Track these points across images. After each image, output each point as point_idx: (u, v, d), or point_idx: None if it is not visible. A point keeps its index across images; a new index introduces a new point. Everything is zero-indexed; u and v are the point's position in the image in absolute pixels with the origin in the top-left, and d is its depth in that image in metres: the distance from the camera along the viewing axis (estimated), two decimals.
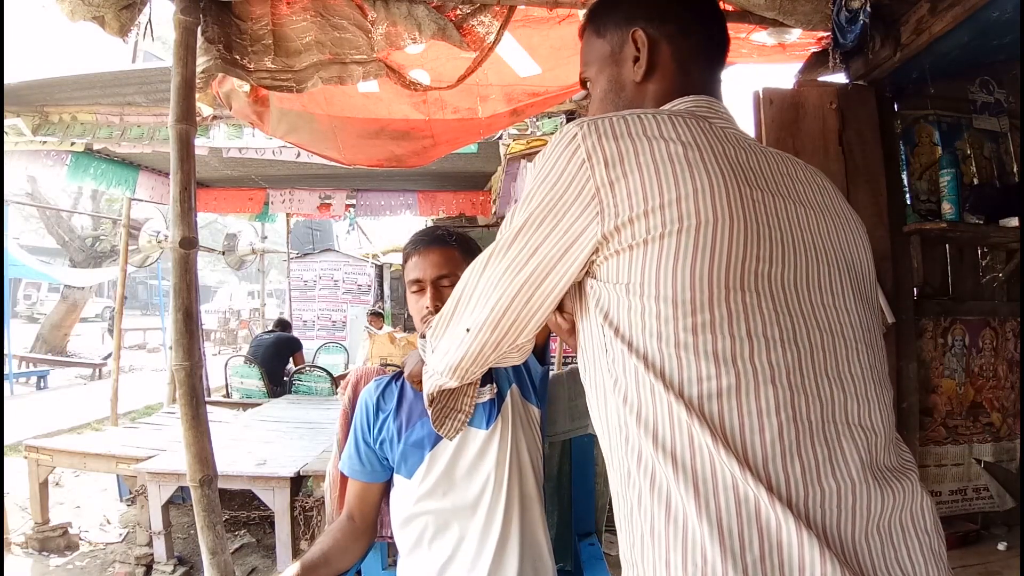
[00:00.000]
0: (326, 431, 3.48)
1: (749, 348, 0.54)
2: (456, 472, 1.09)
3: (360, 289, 9.90)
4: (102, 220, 10.97)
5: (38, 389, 8.43)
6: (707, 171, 0.56)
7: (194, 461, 1.51)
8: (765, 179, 0.62)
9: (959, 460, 1.86)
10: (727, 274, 0.55)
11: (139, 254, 6.15)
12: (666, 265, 0.55)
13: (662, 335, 0.55)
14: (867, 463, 0.55)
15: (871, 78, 1.81)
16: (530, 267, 0.62)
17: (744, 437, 0.52)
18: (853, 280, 0.64)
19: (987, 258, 1.99)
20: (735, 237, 0.55)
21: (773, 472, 0.51)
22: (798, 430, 0.53)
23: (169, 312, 1.56)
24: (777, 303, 0.56)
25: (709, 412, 0.53)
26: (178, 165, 1.55)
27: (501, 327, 0.66)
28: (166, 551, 2.86)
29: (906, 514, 0.57)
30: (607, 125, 0.59)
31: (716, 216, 0.55)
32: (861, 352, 0.60)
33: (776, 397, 0.53)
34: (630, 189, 0.56)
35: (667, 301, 0.55)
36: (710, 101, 0.70)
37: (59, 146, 3.97)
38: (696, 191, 0.55)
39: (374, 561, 1.32)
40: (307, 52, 1.71)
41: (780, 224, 0.59)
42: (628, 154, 0.57)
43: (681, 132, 0.59)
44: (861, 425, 0.57)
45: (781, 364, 0.54)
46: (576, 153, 0.58)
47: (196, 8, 1.59)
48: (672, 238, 0.55)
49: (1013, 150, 1.93)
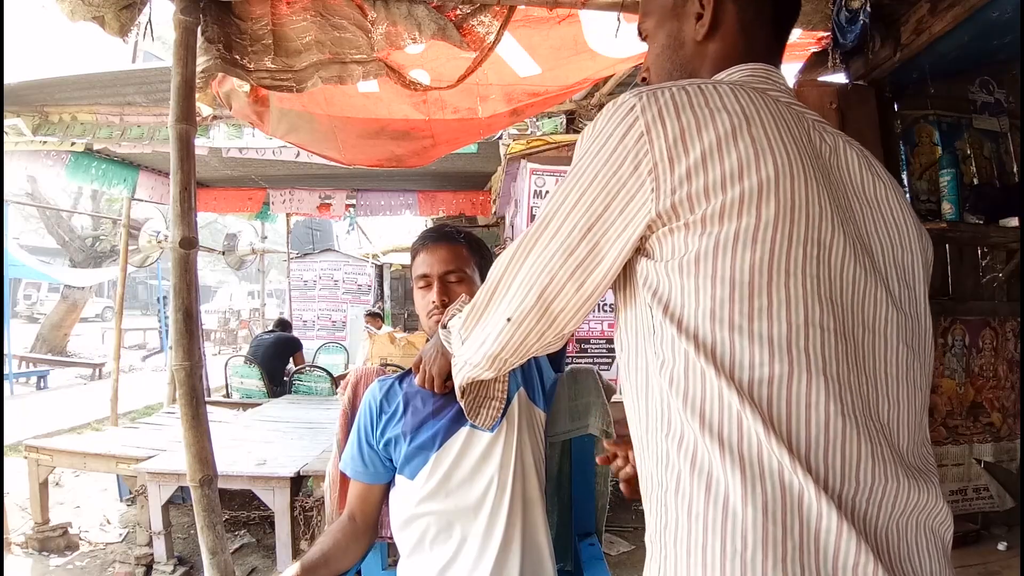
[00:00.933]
0: (326, 431, 3.48)
1: (804, 336, 0.53)
2: (459, 474, 1.09)
3: (360, 289, 9.89)
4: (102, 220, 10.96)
5: (38, 389, 8.43)
6: (770, 148, 0.54)
7: (194, 461, 1.51)
8: (824, 160, 0.60)
9: (959, 460, 1.86)
10: (788, 259, 0.53)
11: (139, 254, 6.15)
12: (725, 246, 0.53)
13: (716, 316, 0.54)
14: (898, 461, 0.55)
15: (871, 78, 1.81)
16: (584, 248, 0.59)
17: (791, 426, 0.52)
18: (901, 278, 0.62)
19: (987, 258, 1.99)
20: (796, 220, 0.54)
21: (814, 462, 0.51)
22: (845, 423, 0.52)
23: (169, 312, 1.56)
24: (833, 293, 0.55)
25: (759, 398, 0.52)
26: (178, 165, 1.55)
27: (550, 314, 0.63)
28: (166, 551, 2.86)
29: (922, 515, 0.58)
30: (668, 97, 0.56)
31: (778, 197, 0.53)
32: (901, 353, 0.59)
33: (826, 388, 0.52)
34: (690, 166, 0.54)
35: (724, 282, 0.53)
36: (768, 70, 0.66)
37: (59, 146, 3.98)
38: (759, 170, 0.53)
39: (374, 561, 1.32)
40: (307, 52, 1.71)
41: (837, 211, 0.57)
42: (690, 129, 0.54)
43: (745, 106, 0.56)
44: (888, 425, 0.57)
45: (832, 356, 0.53)
46: (634, 126, 0.56)
47: (196, 8, 1.59)
48: (733, 220, 0.53)
49: (1013, 150, 1.93)
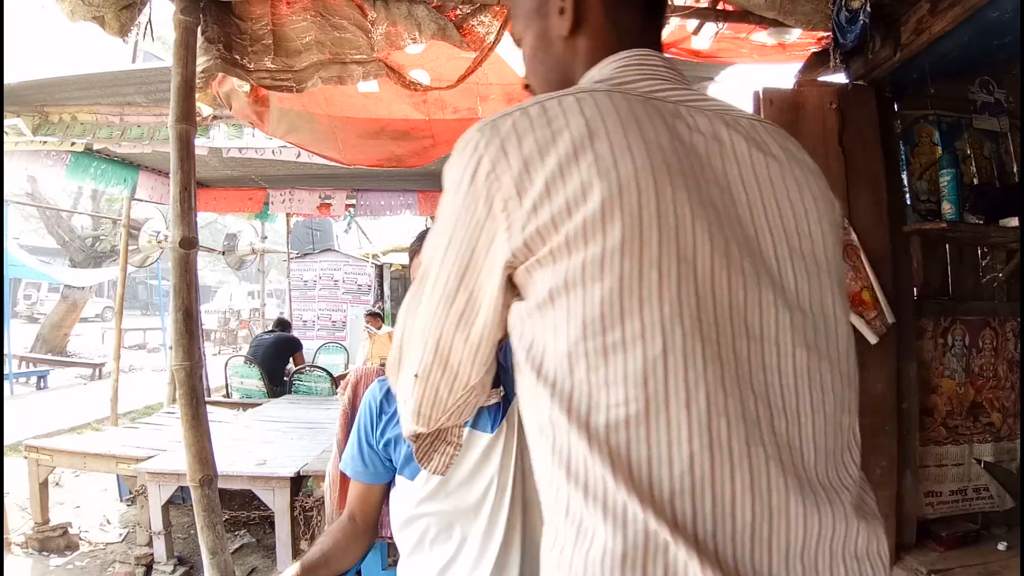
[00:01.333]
0: (326, 431, 3.48)
1: (664, 367, 0.48)
2: (459, 475, 1.08)
3: (360, 289, 9.90)
4: (102, 220, 10.96)
5: (38, 389, 8.43)
6: (614, 165, 0.50)
7: (194, 461, 1.52)
8: (697, 153, 0.55)
9: (959, 460, 1.86)
10: (640, 284, 0.49)
11: (139, 254, 6.15)
12: (575, 280, 0.49)
13: (572, 358, 0.50)
14: (794, 488, 0.49)
15: (871, 78, 1.81)
16: (462, 297, 0.57)
17: (651, 470, 0.47)
18: (800, 269, 0.56)
19: (987, 258, 1.99)
20: (648, 239, 0.49)
21: (680, 508, 0.47)
22: (713, 459, 0.47)
23: (169, 312, 1.56)
24: (703, 310, 0.50)
25: (616, 444, 0.48)
26: (178, 165, 1.55)
27: (451, 368, 0.61)
28: (166, 551, 2.86)
29: (837, 543, 0.51)
30: (509, 126, 0.53)
31: (624, 218, 0.49)
32: (799, 357, 0.53)
33: (690, 423, 0.47)
34: (536, 198, 0.50)
35: (576, 320, 0.49)
36: (641, 56, 0.62)
37: (59, 146, 3.98)
38: (603, 190, 0.49)
39: (374, 561, 1.32)
40: (307, 52, 1.71)
41: (706, 212, 0.51)
42: (533, 158, 0.51)
43: (590, 118, 0.52)
44: (790, 445, 0.51)
45: (699, 383, 0.48)
46: (481, 163, 0.53)
47: (196, 8, 1.59)
48: (580, 249, 0.49)
49: (1013, 150, 1.93)
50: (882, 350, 1.74)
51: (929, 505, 1.81)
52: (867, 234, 1.75)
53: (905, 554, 1.72)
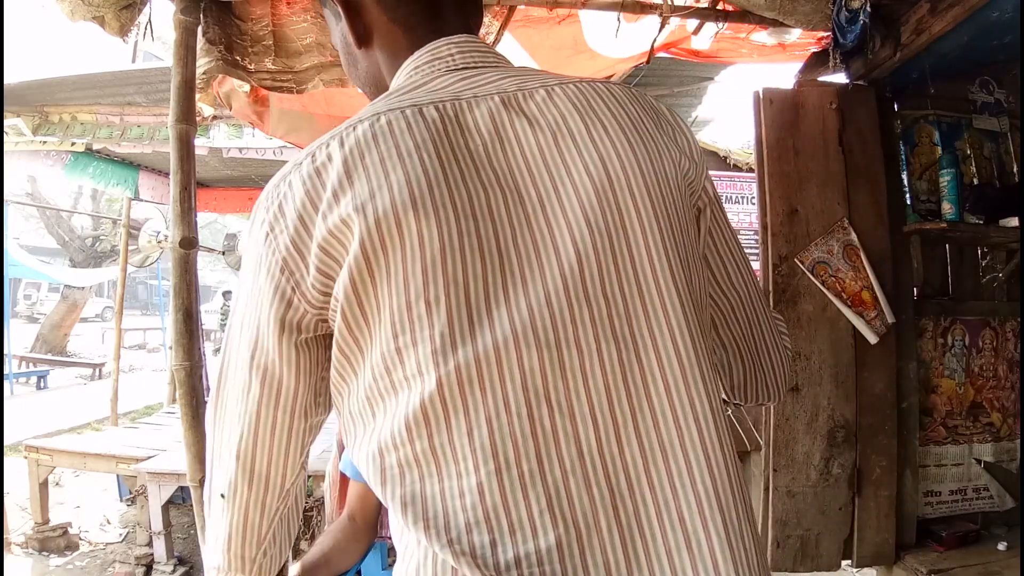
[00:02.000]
0: (326, 431, 3.47)
1: (440, 401, 0.46)
2: None
3: None
4: (102, 220, 10.96)
5: (38, 389, 8.43)
6: (379, 198, 0.47)
7: (194, 461, 1.51)
8: (469, 166, 0.50)
9: (959, 460, 1.86)
10: (410, 320, 0.46)
11: (139, 254, 6.14)
12: (360, 330, 0.48)
13: (365, 408, 0.50)
14: (608, 501, 0.46)
15: (871, 78, 1.81)
16: (254, 381, 0.52)
17: (446, 505, 0.46)
18: (604, 250, 0.49)
19: (987, 258, 1.99)
20: (410, 273, 0.46)
21: (478, 538, 0.44)
22: (501, 483, 0.45)
23: (169, 312, 1.56)
24: (477, 333, 0.46)
25: (409, 483, 0.47)
26: (178, 165, 1.55)
27: (257, 474, 0.54)
28: (166, 551, 2.86)
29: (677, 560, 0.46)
30: (281, 187, 0.51)
31: (388, 256, 0.46)
32: (606, 353, 0.47)
33: (474, 451, 0.45)
34: (315, 252, 0.48)
35: (365, 371, 0.49)
36: (434, 51, 0.57)
37: (59, 146, 3.98)
38: (363, 234, 0.46)
39: (374, 561, 1.32)
40: (308, 53, 1.71)
41: (475, 229, 0.48)
42: (306, 217, 0.48)
43: (352, 157, 0.49)
44: (601, 453, 0.46)
45: (480, 409, 0.45)
46: (261, 228, 0.51)
47: (196, 8, 1.59)
48: (354, 298, 0.47)
49: (1013, 150, 1.93)
50: (882, 350, 1.74)
51: (929, 505, 1.82)
52: (867, 234, 1.75)
53: (905, 554, 1.72)
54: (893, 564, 1.73)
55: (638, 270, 0.49)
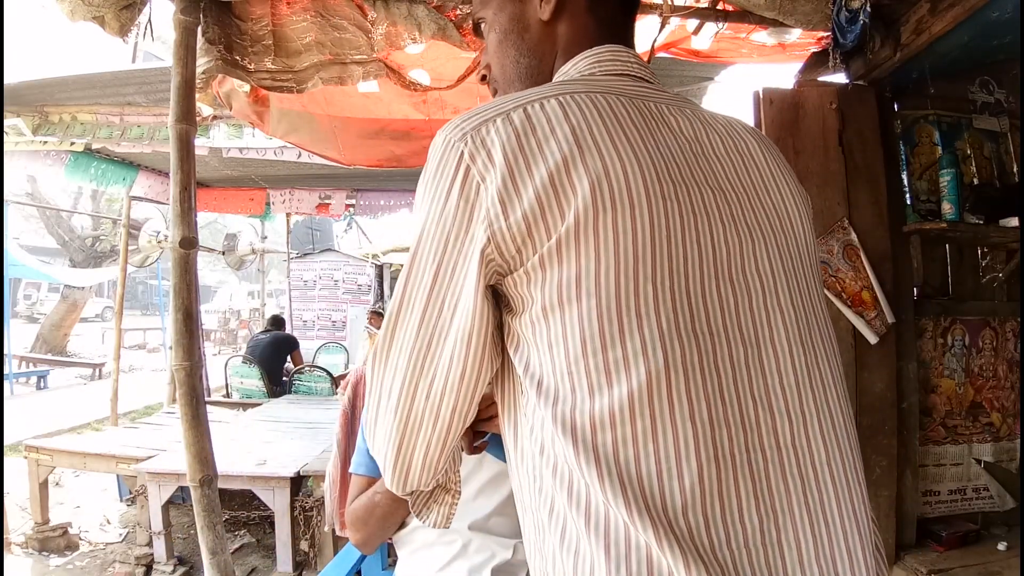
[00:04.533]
0: (326, 431, 3.48)
1: (666, 382, 0.47)
2: (466, 492, 1.05)
3: (360, 289, 9.90)
4: (102, 220, 10.96)
5: (38, 389, 8.43)
6: (606, 174, 0.48)
7: (194, 461, 1.52)
8: (680, 162, 0.53)
9: (959, 460, 1.86)
10: (637, 298, 0.48)
11: (139, 254, 6.14)
12: (569, 295, 0.48)
13: (573, 376, 0.48)
14: (800, 488, 0.50)
15: (871, 78, 1.81)
16: (443, 316, 0.52)
17: (663, 484, 0.47)
18: (789, 269, 0.56)
19: (987, 258, 1.99)
20: (642, 254, 0.48)
21: (692, 520, 0.46)
22: (719, 468, 0.47)
23: (169, 312, 1.56)
24: (696, 322, 0.49)
25: (625, 461, 0.47)
26: (178, 165, 1.55)
27: (431, 410, 0.55)
28: (166, 551, 2.86)
29: (852, 541, 0.52)
30: (492, 132, 0.50)
31: (617, 232, 0.48)
32: (796, 356, 0.53)
33: (696, 435, 0.47)
34: (526, 209, 0.48)
35: (574, 336, 0.48)
36: (615, 53, 0.61)
37: (59, 146, 3.98)
38: (595, 203, 0.47)
39: (374, 561, 1.32)
40: (307, 52, 1.71)
41: (694, 223, 0.51)
42: (519, 168, 0.48)
43: (576, 126, 0.50)
44: (794, 446, 0.51)
45: (701, 395, 0.48)
46: (465, 173, 0.49)
47: (196, 8, 1.59)
48: (572, 263, 0.48)
49: (1013, 150, 1.93)
50: (882, 350, 1.74)
51: (928, 505, 1.82)
52: (867, 234, 1.75)
53: (905, 554, 1.72)
54: (893, 564, 1.73)
55: (813, 291, 0.58)
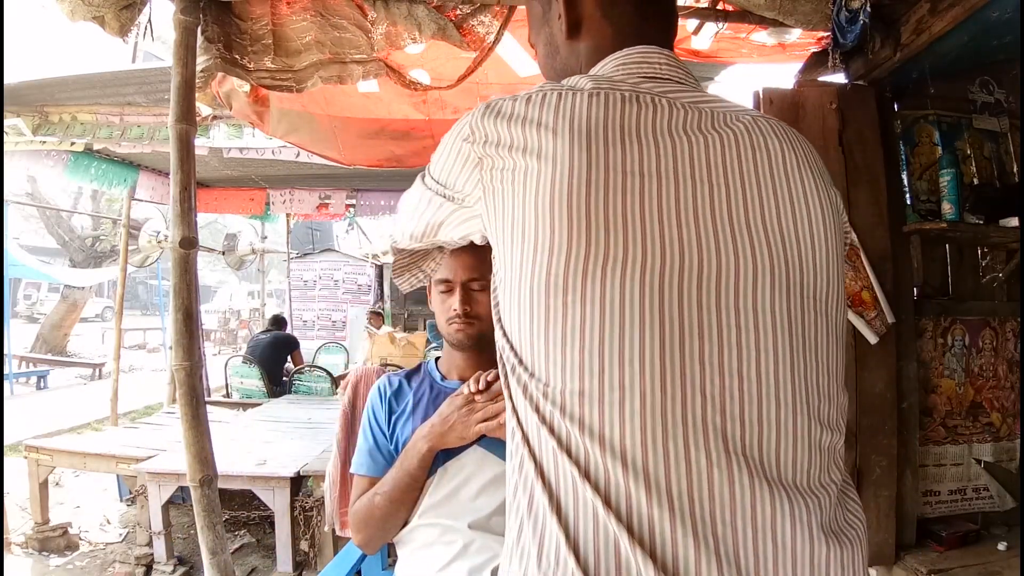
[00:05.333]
0: (326, 431, 3.48)
1: (619, 346, 0.49)
2: (467, 491, 1.06)
3: (360, 289, 9.90)
4: (102, 220, 10.96)
5: (38, 389, 8.42)
6: (574, 165, 0.52)
7: (194, 461, 1.51)
8: (679, 157, 0.54)
9: (959, 460, 1.86)
10: (600, 251, 0.51)
11: (139, 254, 6.14)
12: (541, 206, 0.53)
13: (533, 307, 0.54)
14: (742, 474, 0.50)
15: (871, 78, 1.81)
16: (439, 212, 0.67)
17: (605, 430, 0.50)
18: (805, 271, 0.56)
19: (987, 258, 1.99)
20: (583, 242, 0.51)
21: (633, 458, 0.49)
22: (664, 446, 0.49)
23: (169, 312, 1.56)
24: (667, 303, 0.51)
25: (578, 416, 0.51)
26: (178, 165, 1.55)
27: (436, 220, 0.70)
28: (166, 551, 2.86)
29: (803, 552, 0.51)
30: (498, 102, 0.59)
31: (560, 221, 0.52)
32: (763, 363, 0.52)
33: (642, 408, 0.49)
34: (505, 133, 0.56)
35: (540, 259, 0.53)
36: (644, 54, 0.62)
37: (59, 146, 3.98)
38: (552, 187, 0.52)
39: (374, 561, 1.32)
40: (307, 52, 1.71)
41: (680, 211, 0.53)
42: (509, 119, 0.56)
43: (562, 117, 0.54)
44: (746, 455, 0.50)
45: (654, 371, 0.50)
46: (465, 125, 0.60)
47: (196, 8, 1.59)
48: (531, 235, 0.53)
49: (1013, 150, 1.93)
50: (882, 350, 1.74)
51: (928, 505, 1.82)
52: (867, 234, 1.75)
53: (905, 554, 1.72)
54: (893, 564, 1.73)
55: (823, 303, 0.58)
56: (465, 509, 1.05)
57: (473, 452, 1.07)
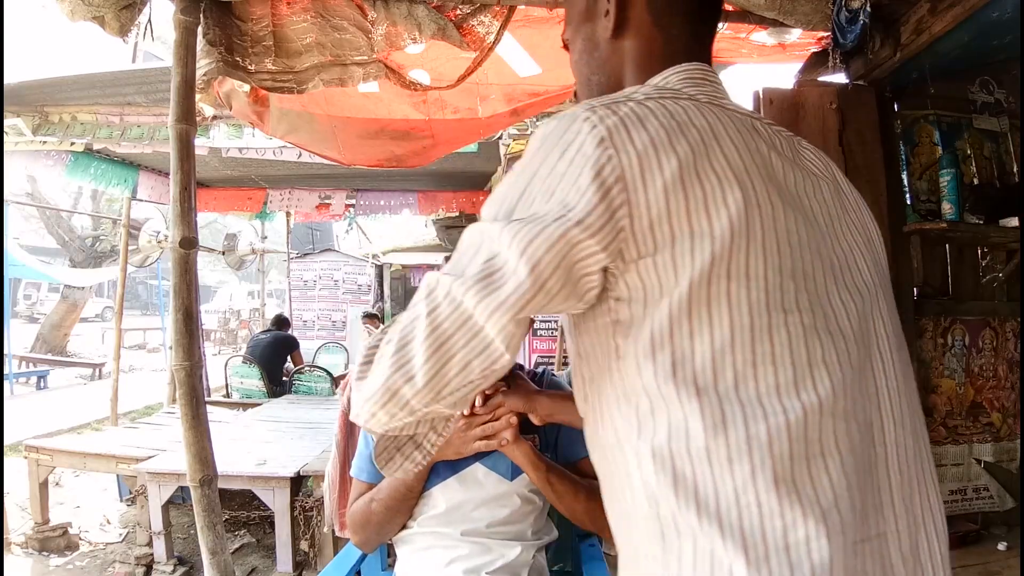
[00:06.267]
0: (326, 431, 3.48)
1: (810, 378, 0.49)
2: (468, 507, 1.06)
3: (360, 289, 9.90)
4: (102, 220, 10.95)
5: (38, 389, 8.42)
6: (752, 173, 0.50)
7: (194, 461, 1.52)
8: (783, 178, 0.55)
9: (959, 460, 1.86)
10: (782, 295, 0.49)
11: (139, 254, 6.14)
12: (719, 284, 0.48)
13: (717, 365, 0.48)
14: (897, 483, 0.56)
15: (871, 78, 1.81)
16: (547, 260, 0.48)
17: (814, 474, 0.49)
18: (879, 280, 0.60)
19: (987, 258, 1.99)
20: (783, 251, 0.50)
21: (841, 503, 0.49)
22: (855, 462, 0.50)
23: (169, 312, 1.56)
24: (828, 322, 0.51)
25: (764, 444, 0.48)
26: (178, 165, 1.55)
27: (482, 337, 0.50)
28: (166, 551, 2.86)
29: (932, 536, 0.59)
30: (627, 110, 0.50)
31: (761, 228, 0.49)
32: (896, 360, 0.57)
33: (835, 430, 0.49)
34: (668, 185, 0.47)
35: (723, 326, 0.48)
36: (704, 72, 0.60)
37: (59, 146, 3.97)
38: (744, 199, 0.48)
39: (374, 561, 1.32)
40: (307, 53, 1.71)
41: (809, 231, 0.53)
42: (659, 144, 0.48)
43: (715, 124, 0.51)
44: (896, 443, 0.55)
45: (841, 392, 0.50)
46: (597, 133, 0.48)
47: (196, 8, 1.59)
48: (724, 255, 0.48)
49: (1013, 150, 1.93)
50: None
51: None
52: None
53: None
54: None
55: (893, 302, 0.62)
56: (464, 521, 1.05)
57: (476, 469, 1.07)
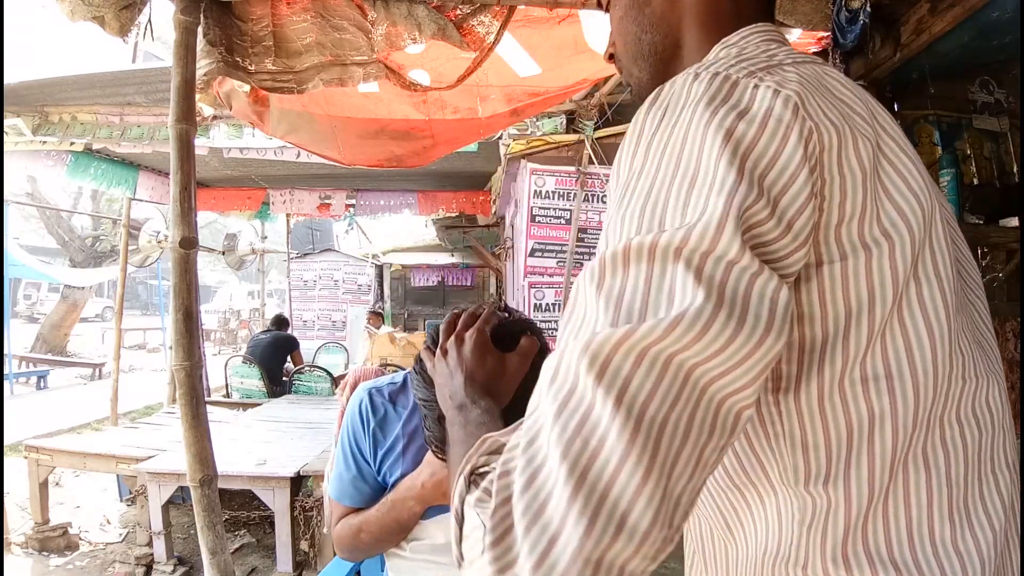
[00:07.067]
0: (326, 431, 3.48)
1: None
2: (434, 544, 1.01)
3: (360, 289, 9.91)
4: (102, 220, 10.95)
5: (38, 389, 8.43)
6: (911, 161, 0.44)
7: (194, 461, 1.52)
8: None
9: None
10: (957, 299, 0.45)
11: (139, 254, 6.14)
12: (908, 293, 0.42)
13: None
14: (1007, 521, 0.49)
15: (871, 78, 1.81)
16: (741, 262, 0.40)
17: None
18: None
19: (987, 258, 1.99)
20: (947, 258, 0.44)
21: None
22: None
23: (169, 312, 1.56)
24: (976, 335, 0.49)
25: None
26: (178, 165, 1.55)
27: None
28: (166, 551, 2.86)
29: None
30: (792, 75, 0.42)
31: (936, 226, 0.44)
32: (1001, 384, 0.54)
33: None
34: (868, 164, 0.41)
35: (923, 345, 0.43)
36: (784, 37, 0.53)
37: (59, 146, 3.98)
38: (918, 182, 0.43)
39: (374, 561, 1.32)
40: (308, 53, 1.71)
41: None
42: (847, 116, 0.42)
43: (864, 97, 0.46)
44: (1009, 469, 0.51)
45: (973, 424, 0.47)
46: (784, 101, 0.40)
47: (196, 8, 1.59)
48: (886, 259, 0.41)
49: (1013, 150, 1.93)
50: None
51: None
52: None
53: None
54: None
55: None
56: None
57: None
